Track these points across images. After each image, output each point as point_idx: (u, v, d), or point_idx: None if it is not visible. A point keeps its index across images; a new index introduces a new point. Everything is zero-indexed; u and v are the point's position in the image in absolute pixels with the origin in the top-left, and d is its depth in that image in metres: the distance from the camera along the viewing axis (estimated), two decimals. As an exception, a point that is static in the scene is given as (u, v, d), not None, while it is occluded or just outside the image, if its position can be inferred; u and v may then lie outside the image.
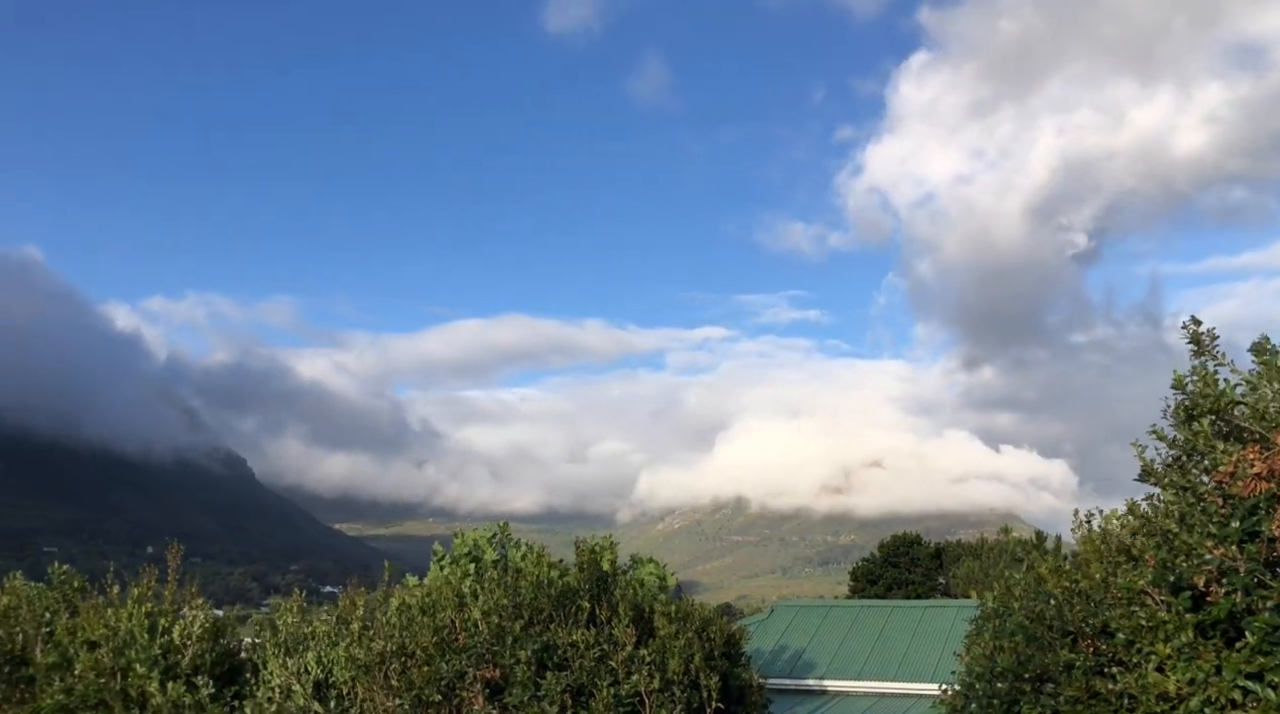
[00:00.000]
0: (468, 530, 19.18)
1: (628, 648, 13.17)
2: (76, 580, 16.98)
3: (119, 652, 14.38)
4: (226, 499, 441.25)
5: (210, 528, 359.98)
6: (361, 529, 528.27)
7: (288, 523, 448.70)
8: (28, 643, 15.86)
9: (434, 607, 14.10)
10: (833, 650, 23.67)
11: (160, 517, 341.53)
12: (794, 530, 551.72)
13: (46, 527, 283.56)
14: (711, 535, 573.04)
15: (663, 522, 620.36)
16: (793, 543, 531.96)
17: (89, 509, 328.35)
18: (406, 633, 13.55)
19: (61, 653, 14.94)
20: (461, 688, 12.90)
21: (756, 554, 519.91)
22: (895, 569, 54.03)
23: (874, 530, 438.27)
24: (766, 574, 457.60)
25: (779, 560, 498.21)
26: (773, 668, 22.67)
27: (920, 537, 58.40)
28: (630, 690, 12.77)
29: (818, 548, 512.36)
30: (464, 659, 12.95)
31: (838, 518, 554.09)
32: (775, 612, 26.79)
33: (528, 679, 12.68)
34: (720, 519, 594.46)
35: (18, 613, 16.25)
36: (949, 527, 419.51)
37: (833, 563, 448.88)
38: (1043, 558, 10.07)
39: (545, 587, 13.95)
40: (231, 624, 15.80)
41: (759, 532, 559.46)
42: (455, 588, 14.57)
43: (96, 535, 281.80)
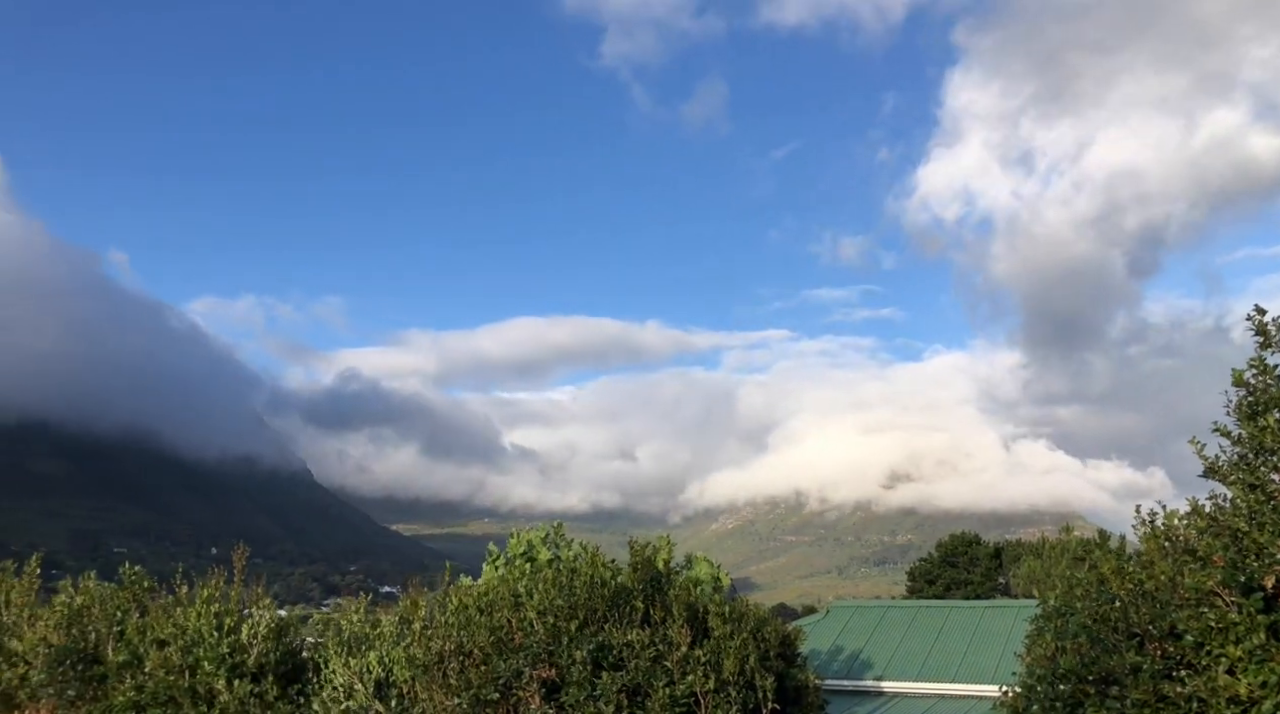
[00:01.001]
0: (522, 530, 19.34)
1: (683, 648, 13.17)
2: (146, 581, 17.47)
3: (187, 650, 14.77)
4: (286, 501, 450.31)
5: (270, 529, 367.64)
6: (417, 529, 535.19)
7: (346, 524, 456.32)
8: (100, 641, 16.36)
9: (490, 607, 14.25)
10: (890, 651, 23.41)
11: (221, 518, 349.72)
12: (849, 530, 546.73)
13: (116, 528, 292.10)
14: (765, 535, 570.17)
15: (716, 521, 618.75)
16: (848, 543, 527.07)
17: (154, 511, 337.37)
18: (464, 633, 13.71)
19: (132, 651, 15.38)
20: (518, 687, 13.02)
21: (811, 554, 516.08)
22: (953, 569, 53.27)
23: (931, 530, 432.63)
24: (822, 574, 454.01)
25: (834, 560, 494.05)
26: (829, 669, 22.50)
27: (979, 536, 57.51)
28: (685, 691, 12.78)
29: (874, 548, 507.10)
30: (521, 659, 13.07)
31: (894, 517, 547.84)
32: (831, 612, 26.58)
33: (584, 679, 12.76)
34: (774, 519, 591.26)
35: (90, 612, 16.78)
36: (1009, 525, 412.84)
37: (889, 563, 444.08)
38: (1105, 557, 9.86)
39: (599, 586, 14.01)
40: (294, 624, 16.13)
41: (814, 531, 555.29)
42: (511, 588, 14.71)
43: (162, 537, 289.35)
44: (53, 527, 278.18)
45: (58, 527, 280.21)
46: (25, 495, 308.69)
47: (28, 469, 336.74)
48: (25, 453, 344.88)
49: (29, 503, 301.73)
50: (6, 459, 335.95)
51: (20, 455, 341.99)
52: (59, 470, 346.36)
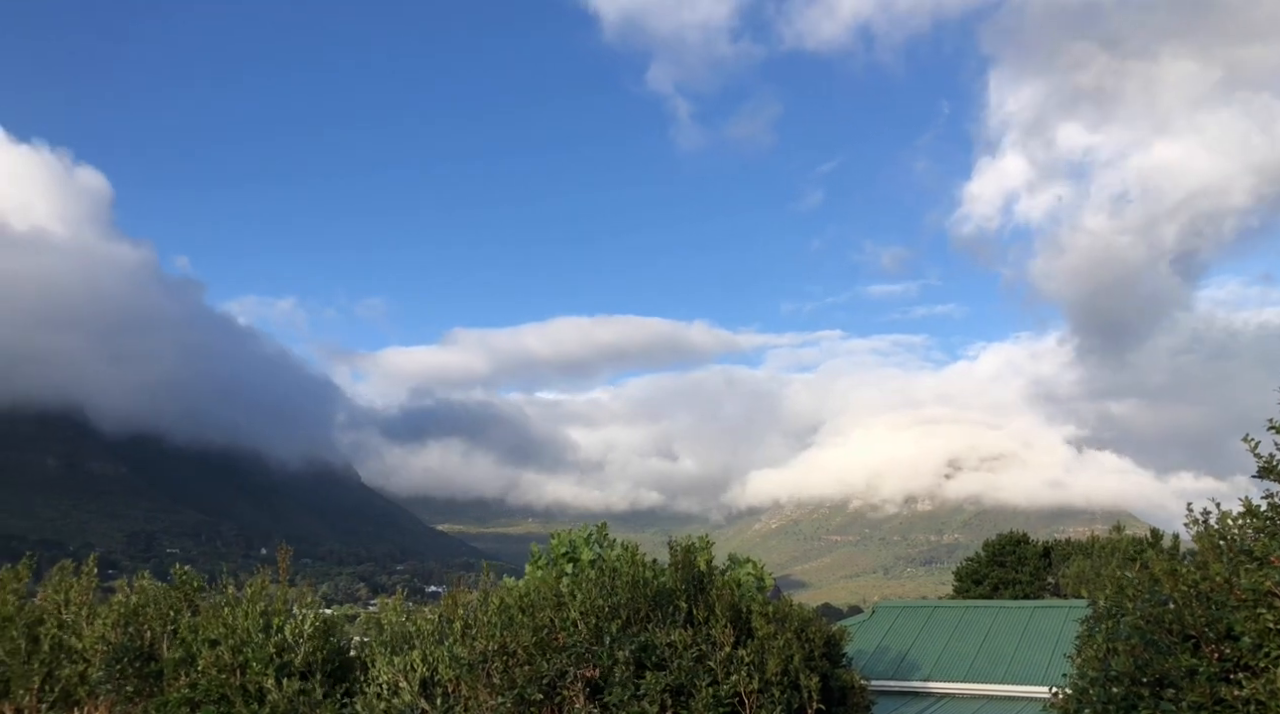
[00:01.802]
0: (564, 531, 19.42)
1: (726, 648, 13.14)
2: (196, 580, 17.80)
3: (237, 649, 15.03)
4: (335, 502, 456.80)
5: (320, 531, 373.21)
6: (463, 529, 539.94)
7: (393, 524, 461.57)
8: (155, 640, 16.72)
9: (533, 607, 14.33)
10: (937, 652, 23.15)
11: (271, 520, 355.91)
12: (895, 530, 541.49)
13: (169, 528, 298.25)
14: (809, 535, 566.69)
15: (759, 521, 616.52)
16: (894, 542, 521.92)
17: (206, 512, 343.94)
18: (507, 632, 13.80)
19: (186, 649, 15.68)
20: (562, 687, 13.07)
21: (856, 554, 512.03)
22: (1001, 569, 52.50)
23: (978, 529, 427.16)
24: (867, 574, 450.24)
25: (880, 560, 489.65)
26: (875, 669, 22.30)
27: (1027, 535, 56.61)
28: (729, 691, 12.74)
29: (920, 547, 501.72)
30: (564, 659, 13.12)
31: (941, 516, 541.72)
32: (877, 612, 26.35)
33: (627, 679, 12.77)
34: (818, 518, 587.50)
35: (145, 611, 17.15)
36: (1058, 523, 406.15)
37: (935, 562, 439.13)
38: (1158, 557, 9.65)
39: (642, 586, 14.02)
40: (340, 623, 16.33)
41: (858, 531, 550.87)
42: (553, 588, 14.77)
43: (213, 537, 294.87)
44: (109, 527, 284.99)
45: (114, 527, 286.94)
46: (84, 497, 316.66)
47: (86, 472, 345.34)
48: (84, 456, 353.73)
49: (87, 504, 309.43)
50: (66, 462, 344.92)
51: (79, 458, 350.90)
52: (116, 473, 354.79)
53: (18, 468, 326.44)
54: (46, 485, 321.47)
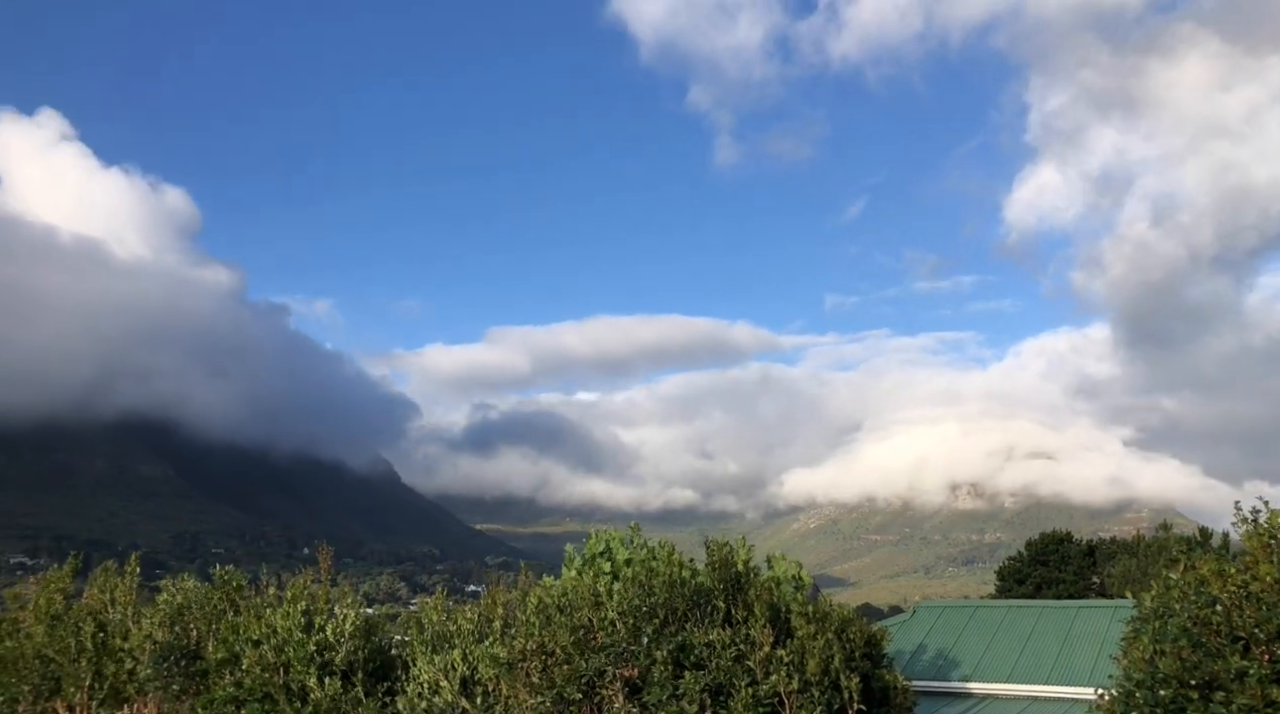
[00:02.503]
0: (601, 530, 19.43)
1: (765, 648, 13.08)
2: (237, 581, 18.05)
3: (280, 648, 15.22)
4: (376, 503, 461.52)
5: (361, 531, 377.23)
6: (502, 529, 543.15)
7: (433, 525, 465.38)
8: (200, 639, 16.98)
9: (571, 606, 14.36)
10: (979, 652, 22.88)
11: (313, 520, 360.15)
12: (936, 529, 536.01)
13: (212, 529, 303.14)
14: (848, 534, 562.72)
15: (797, 520, 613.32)
16: (935, 541, 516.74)
17: (248, 513, 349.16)
18: (546, 632, 13.84)
19: (229, 649, 15.91)
20: (601, 686, 13.08)
21: (896, 553, 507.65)
22: (1044, 568, 51.79)
23: (1020, 528, 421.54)
24: (908, 574, 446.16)
25: (920, 559, 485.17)
26: (916, 669, 22.09)
27: (1071, 534, 55.78)
28: (769, 691, 12.68)
29: (961, 546, 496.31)
30: (602, 658, 13.13)
31: (982, 515, 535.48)
32: (918, 612, 26.10)
33: (665, 679, 12.76)
34: (858, 517, 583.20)
35: (190, 611, 17.43)
36: (1103, 522, 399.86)
37: (977, 562, 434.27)
38: (1205, 557, 9.46)
39: (679, 586, 14.00)
40: (381, 622, 16.48)
41: (898, 530, 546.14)
42: (591, 588, 14.79)
43: (256, 538, 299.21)
44: (156, 528, 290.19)
45: (160, 528, 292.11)
46: (131, 498, 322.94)
47: (134, 473, 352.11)
48: (131, 458, 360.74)
49: (135, 505, 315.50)
50: (114, 464, 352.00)
51: (126, 460, 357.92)
52: (162, 474, 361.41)
53: (67, 470, 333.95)
54: (95, 487, 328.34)
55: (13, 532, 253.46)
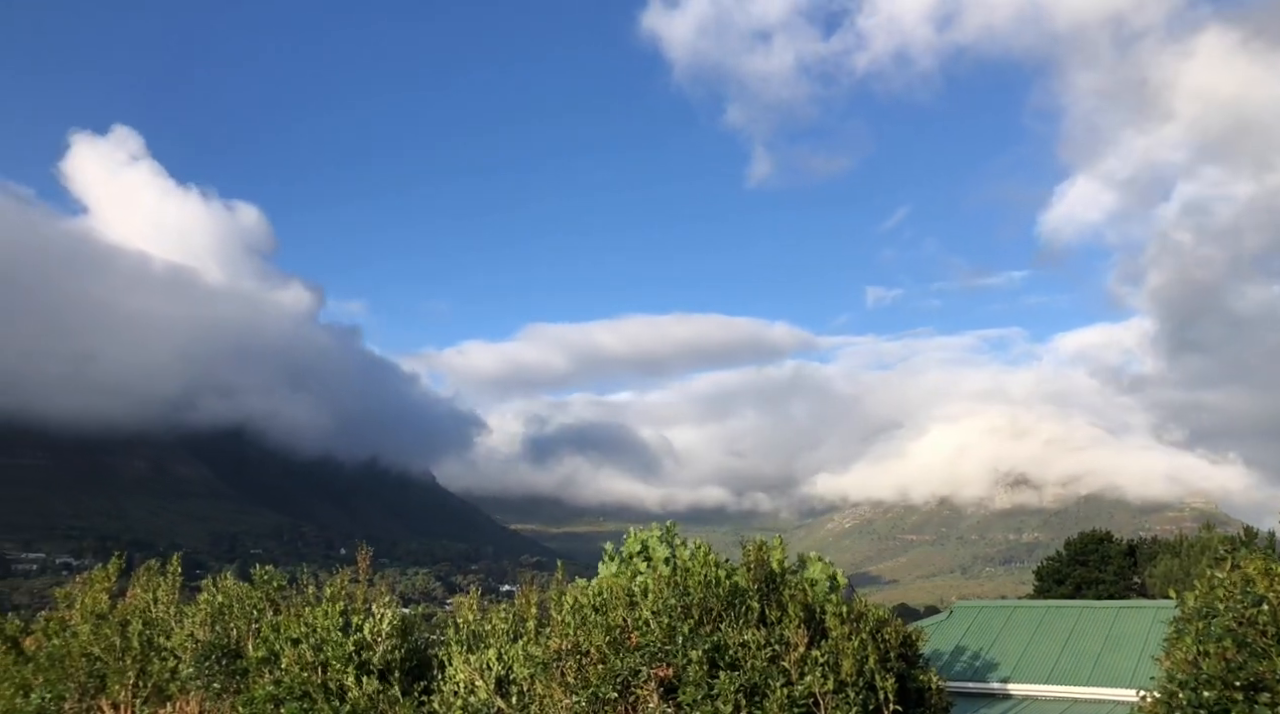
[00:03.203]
0: (637, 529, 19.45)
1: (800, 648, 13.03)
2: (277, 581, 18.27)
3: (318, 648, 15.38)
4: (412, 504, 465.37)
5: (397, 531, 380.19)
6: (536, 529, 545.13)
7: (468, 525, 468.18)
8: (240, 638, 17.21)
9: (606, 606, 14.38)
10: (1018, 653, 22.62)
11: (350, 521, 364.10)
12: (973, 528, 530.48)
13: (252, 530, 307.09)
14: (884, 534, 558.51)
15: (832, 520, 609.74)
16: (971, 541, 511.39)
17: (287, 514, 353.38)
18: (580, 631, 13.88)
19: (269, 648, 16.11)
20: (636, 686, 13.10)
21: (933, 553, 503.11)
22: (1084, 568, 51.11)
23: (1059, 527, 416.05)
24: (945, 574, 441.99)
25: (957, 559, 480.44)
26: (953, 670, 21.88)
27: (1111, 533, 55.02)
28: (804, 692, 12.63)
29: (998, 546, 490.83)
30: (637, 658, 13.14)
31: (1020, 514, 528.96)
32: (955, 612, 25.85)
33: (700, 679, 12.74)
34: (893, 517, 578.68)
35: (230, 610, 17.68)
36: (1144, 521, 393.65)
37: (1015, 561, 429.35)
38: (1251, 556, 9.28)
39: (714, 586, 13.98)
40: (417, 622, 16.60)
41: (934, 530, 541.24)
42: (625, 587, 14.81)
43: (294, 538, 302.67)
44: (195, 528, 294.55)
45: (199, 528, 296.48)
46: (170, 499, 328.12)
47: (172, 474, 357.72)
48: (170, 460, 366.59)
49: (173, 505, 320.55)
50: (153, 466, 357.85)
51: (165, 462, 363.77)
52: (200, 475, 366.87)
53: (109, 472, 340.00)
54: (136, 488, 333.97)
55: (59, 532, 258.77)
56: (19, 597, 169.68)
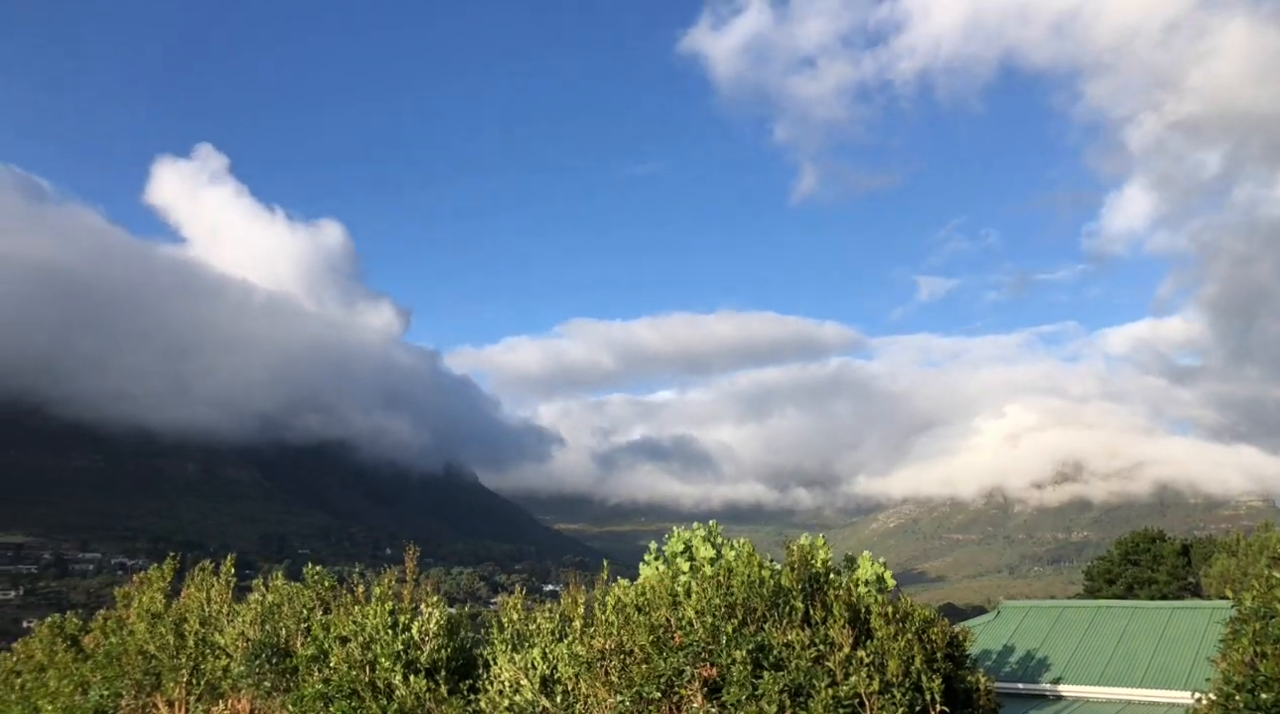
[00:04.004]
0: (679, 529, 19.44)
1: (845, 649, 12.95)
2: (327, 580, 18.55)
3: (366, 646, 15.59)
4: (457, 504, 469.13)
5: (442, 531, 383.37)
6: (580, 528, 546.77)
7: (512, 525, 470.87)
8: (290, 636, 17.49)
9: (649, 605, 14.40)
10: (1068, 653, 22.27)
11: (396, 522, 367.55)
12: (1020, 527, 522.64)
13: (300, 530, 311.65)
14: (929, 533, 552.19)
15: (876, 520, 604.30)
16: (1019, 540, 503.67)
17: (335, 515, 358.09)
18: (624, 631, 13.91)
19: (318, 646, 16.36)
20: (680, 685, 13.10)
21: (979, 553, 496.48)
22: (1136, 567, 50.18)
23: (1109, 526, 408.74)
24: (991, 574, 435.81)
25: (1004, 559, 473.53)
26: (1001, 671, 21.62)
27: (1163, 532, 53.96)
28: (849, 692, 12.55)
29: (1047, 545, 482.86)
30: (681, 657, 13.15)
31: (1068, 513, 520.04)
32: (1003, 612, 25.52)
33: (744, 679, 12.72)
34: (939, 516, 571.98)
35: (280, 609, 17.98)
36: (1198, 520, 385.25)
37: (1064, 561, 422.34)
38: (1310, 555, 9.06)
39: (757, 586, 13.94)
40: (463, 621, 16.75)
41: (981, 529, 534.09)
42: (669, 587, 14.82)
43: (342, 539, 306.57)
44: (244, 529, 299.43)
45: (249, 529, 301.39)
46: (220, 500, 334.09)
47: (222, 477, 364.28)
48: (220, 463, 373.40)
49: (223, 507, 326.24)
50: (204, 469, 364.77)
51: (215, 465, 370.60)
52: (249, 478, 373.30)
53: (162, 474, 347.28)
54: (188, 490, 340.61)
55: (114, 533, 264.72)
56: (76, 595, 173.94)
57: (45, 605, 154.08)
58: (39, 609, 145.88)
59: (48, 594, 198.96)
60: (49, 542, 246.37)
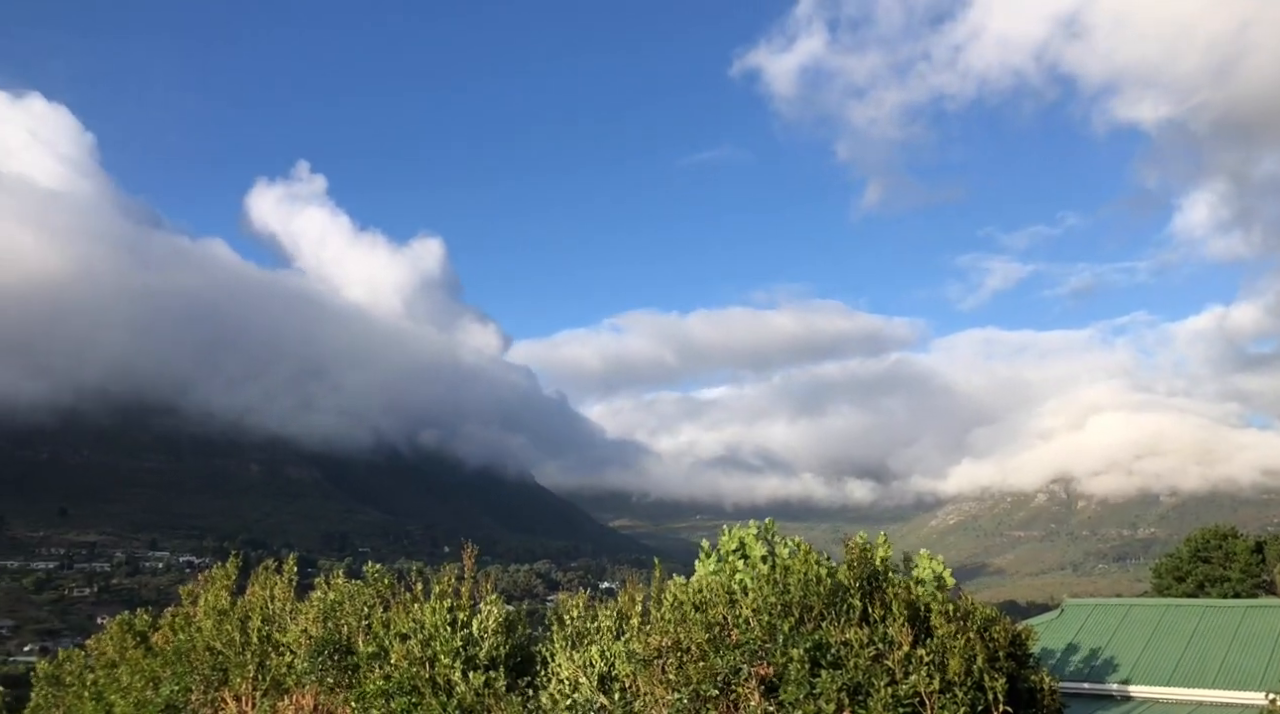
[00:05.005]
0: (735, 527, 19.34)
1: (904, 647, 12.79)
2: (387, 578, 18.81)
3: (426, 643, 15.78)
4: (513, 502, 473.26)
5: (498, 529, 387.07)
6: (635, 526, 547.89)
7: (567, 522, 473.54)
8: (351, 634, 17.78)
9: (705, 604, 14.37)
10: (1135, 653, 21.74)
11: (453, 520, 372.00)
12: (1084, 524, 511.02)
13: (360, 529, 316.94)
14: (990, 530, 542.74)
15: (935, 517, 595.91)
16: (1083, 537, 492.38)
17: (393, 513, 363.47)
18: (681, 629, 13.89)
19: (379, 643, 16.60)
20: (737, 684, 13.05)
21: (1041, 550, 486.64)
22: (1206, 565, 48.78)
23: (1178, 522, 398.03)
24: (1054, 571, 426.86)
25: (1068, 556, 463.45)
26: (1065, 670, 21.19)
27: (1235, 528, 52.38)
28: (909, 691, 12.39)
29: (1112, 542, 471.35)
30: (738, 655, 13.09)
31: (1135, 509, 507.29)
32: (1067, 611, 24.99)
33: (802, 677, 12.62)
34: (1000, 513, 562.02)
35: (342, 607, 18.28)
36: (1272, 515, 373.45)
37: (1130, 559, 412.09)
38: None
39: (814, 584, 13.83)
40: (521, 619, 16.88)
41: (1043, 526, 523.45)
42: (725, 585, 14.77)
43: (400, 537, 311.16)
44: (306, 528, 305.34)
45: (310, 527, 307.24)
46: (282, 500, 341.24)
47: (284, 477, 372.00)
48: (281, 463, 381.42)
49: (285, 505, 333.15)
50: (267, 469, 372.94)
51: (277, 465, 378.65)
52: (310, 477, 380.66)
53: (226, 474, 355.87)
54: (251, 490, 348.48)
55: (181, 532, 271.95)
56: (147, 593, 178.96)
57: (118, 602, 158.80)
58: (112, 606, 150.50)
59: (120, 591, 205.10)
60: (120, 540, 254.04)
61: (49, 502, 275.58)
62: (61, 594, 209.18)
